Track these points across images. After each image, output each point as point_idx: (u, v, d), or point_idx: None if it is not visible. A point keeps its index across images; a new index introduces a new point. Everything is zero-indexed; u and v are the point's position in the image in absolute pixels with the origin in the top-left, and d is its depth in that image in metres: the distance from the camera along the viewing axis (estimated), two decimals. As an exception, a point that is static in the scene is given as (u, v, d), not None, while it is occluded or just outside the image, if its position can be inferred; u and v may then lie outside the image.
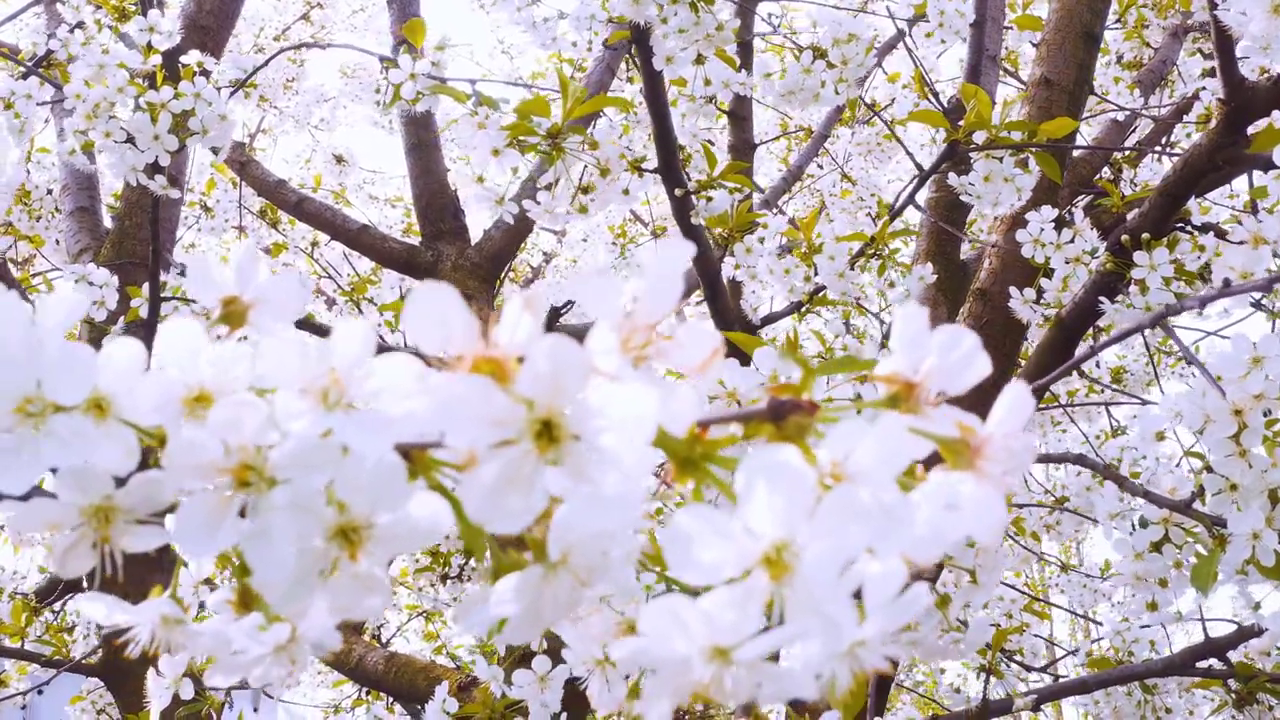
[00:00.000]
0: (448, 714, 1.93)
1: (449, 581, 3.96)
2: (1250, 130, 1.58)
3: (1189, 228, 1.89)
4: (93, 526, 0.44)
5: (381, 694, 3.46)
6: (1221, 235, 1.87)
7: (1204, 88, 2.58)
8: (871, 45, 2.07)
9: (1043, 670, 2.96)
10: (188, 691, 1.41)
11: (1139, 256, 1.71)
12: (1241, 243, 1.28)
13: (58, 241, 3.10)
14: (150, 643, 0.48)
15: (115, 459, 0.43)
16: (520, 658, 1.64)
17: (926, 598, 0.38)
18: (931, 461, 0.44)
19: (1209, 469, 1.43)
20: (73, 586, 3.09)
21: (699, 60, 2.01)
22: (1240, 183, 2.55)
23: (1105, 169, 2.93)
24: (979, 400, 0.45)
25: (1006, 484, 0.41)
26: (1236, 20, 1.25)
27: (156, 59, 1.93)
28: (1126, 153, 2.88)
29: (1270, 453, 1.39)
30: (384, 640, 5.01)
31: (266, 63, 2.27)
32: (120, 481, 0.44)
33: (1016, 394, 0.42)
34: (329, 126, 5.36)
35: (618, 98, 1.79)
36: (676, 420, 0.36)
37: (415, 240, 3.70)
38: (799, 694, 0.36)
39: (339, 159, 5.18)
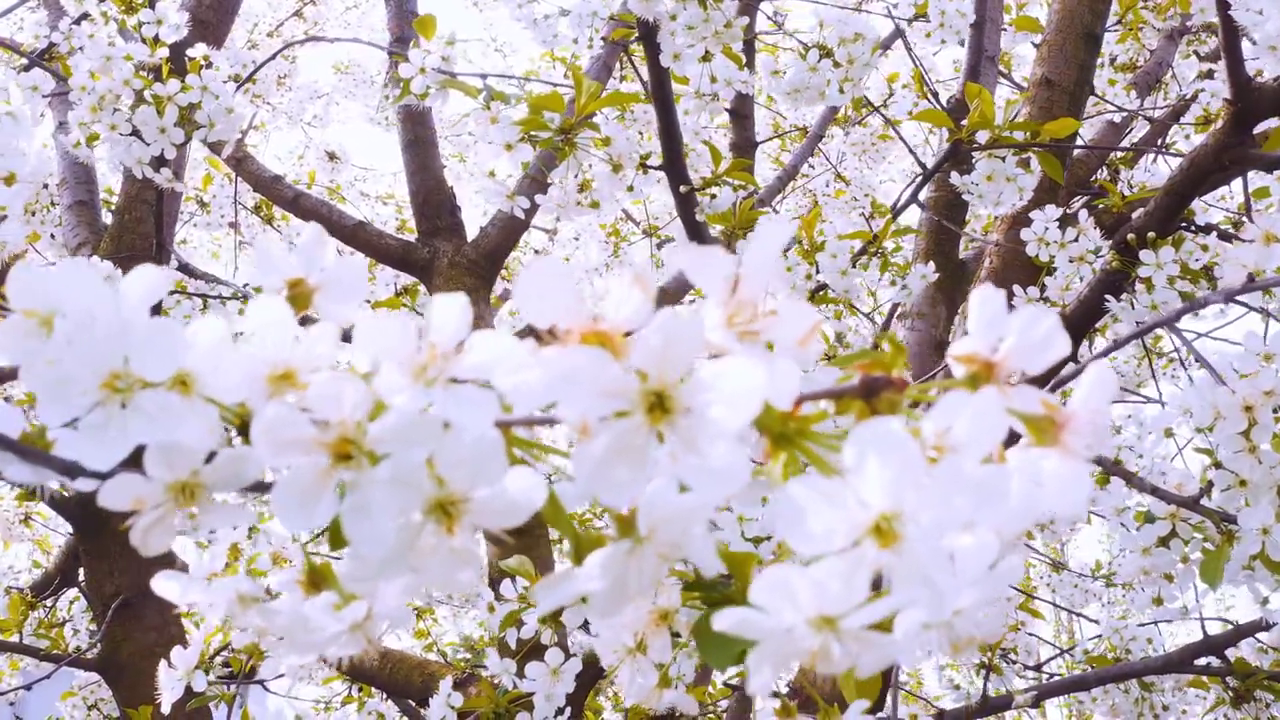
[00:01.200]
0: (452, 708, 1.93)
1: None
2: (1259, 130, 1.59)
3: (1192, 228, 1.91)
4: (175, 503, 0.44)
5: (373, 690, 3.45)
6: (1226, 238, 1.88)
7: (1202, 89, 2.60)
8: (878, 45, 2.07)
9: (1037, 669, 2.97)
10: (200, 684, 1.41)
11: (1145, 255, 1.72)
12: (1252, 240, 1.29)
13: (52, 235, 3.09)
14: (224, 621, 0.48)
15: (199, 436, 0.43)
16: (531, 650, 1.64)
17: (1020, 571, 0.38)
18: (1007, 442, 0.45)
19: (1217, 465, 1.44)
20: (68, 582, 3.08)
21: (706, 57, 2.01)
22: (1236, 184, 2.57)
23: (1102, 170, 2.95)
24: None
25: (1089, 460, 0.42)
26: (1252, 20, 1.26)
27: (164, 51, 1.93)
28: (1124, 154, 2.89)
29: (1279, 449, 1.39)
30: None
31: (273, 57, 2.27)
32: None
33: (1100, 372, 0.43)
34: (322, 123, 5.35)
35: (632, 94, 1.79)
36: (780, 395, 0.36)
37: (410, 237, 3.70)
38: (899, 661, 0.37)
39: (331, 156, 5.17)
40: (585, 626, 1.56)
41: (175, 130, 1.95)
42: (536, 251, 6.37)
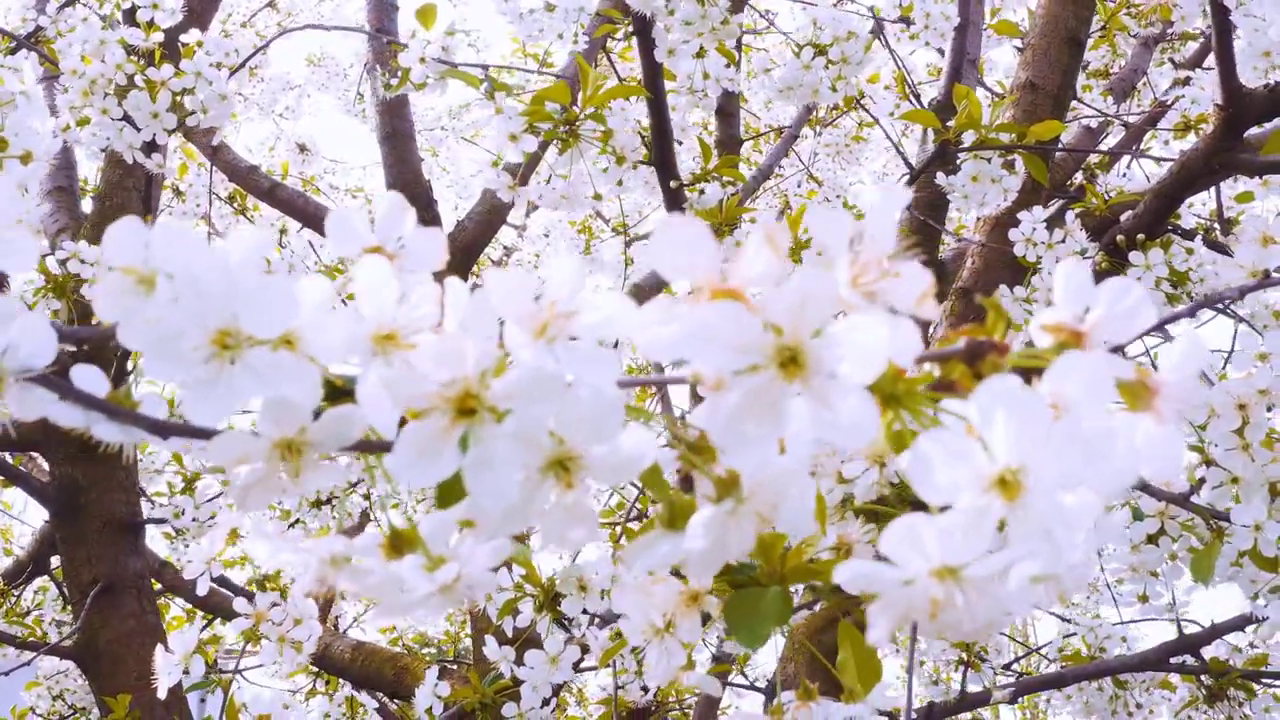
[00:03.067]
0: (438, 698, 1.93)
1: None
2: (1257, 134, 1.62)
3: (1178, 232, 1.93)
4: (279, 461, 0.44)
5: (339, 681, 3.44)
6: (1214, 246, 1.90)
7: (1181, 95, 2.63)
8: (870, 43, 2.09)
9: (1006, 668, 2.99)
10: (199, 669, 1.40)
11: (1134, 257, 1.75)
12: (1252, 241, 1.31)
13: (19, 220, 3.05)
14: (316, 582, 0.48)
15: (304, 394, 0.43)
16: (528, 640, 1.64)
17: (1124, 526, 0.39)
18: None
19: (1209, 462, 1.46)
20: (41, 569, 3.06)
21: (700, 53, 2.02)
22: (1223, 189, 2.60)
23: (1078, 173, 2.98)
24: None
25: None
26: (1254, 25, 1.28)
27: (158, 36, 1.92)
28: (1101, 158, 2.92)
29: (1270, 447, 1.42)
30: (340, 630, 4.98)
31: (266, 45, 2.26)
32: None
33: (1191, 341, 0.44)
34: (294, 115, 5.32)
35: (637, 86, 1.80)
36: (903, 352, 0.37)
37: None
38: (1011, 612, 0.38)
39: (302, 148, 5.15)
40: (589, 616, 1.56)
41: (168, 115, 1.94)
42: (505, 248, 6.37)
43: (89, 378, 0.50)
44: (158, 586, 2.86)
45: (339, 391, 0.46)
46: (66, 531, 2.50)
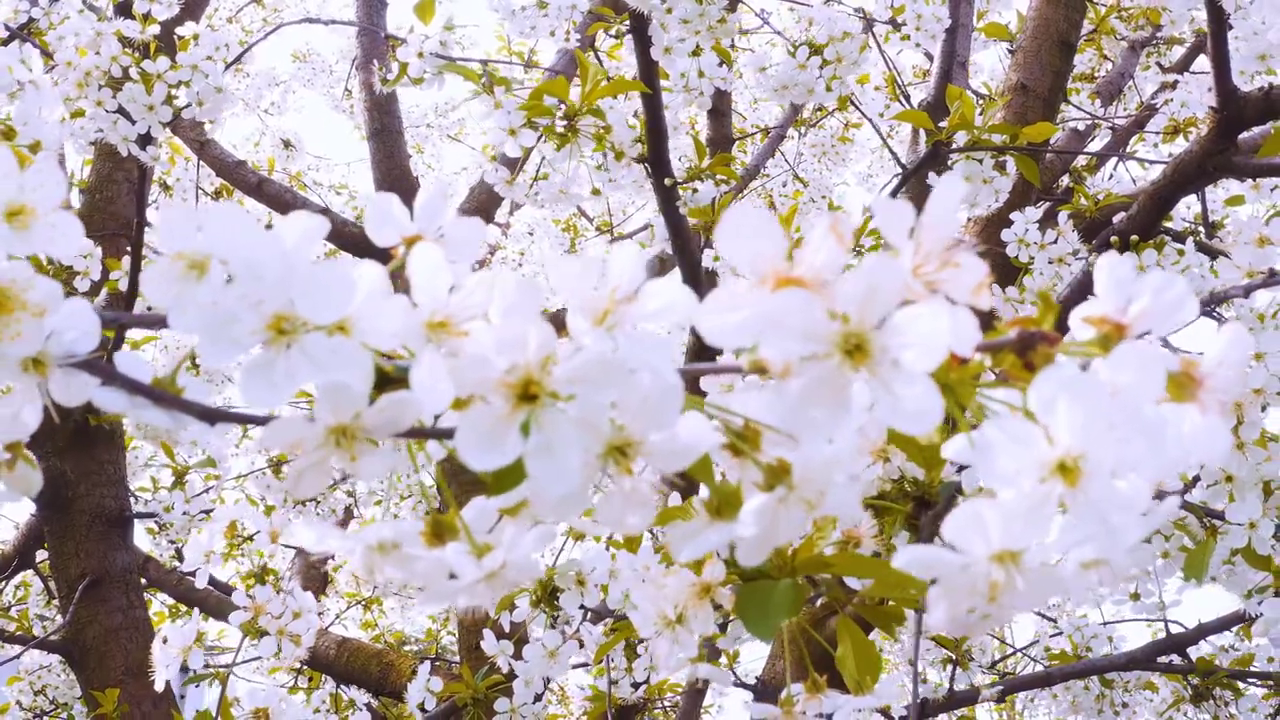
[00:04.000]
0: (431, 692, 1.93)
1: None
2: (1248, 138, 1.63)
3: (1168, 234, 1.95)
4: (332, 447, 0.44)
5: (321, 677, 3.43)
6: (1205, 250, 1.92)
7: (1170, 99, 2.65)
8: (865, 44, 2.10)
9: (990, 667, 3.01)
10: (197, 661, 1.40)
11: (1128, 257, 1.76)
12: (1248, 243, 1.32)
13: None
14: (362, 569, 0.49)
15: (359, 380, 0.44)
16: (522, 639, 1.65)
17: (1175, 512, 0.40)
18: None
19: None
20: (26, 564, 3.05)
21: (696, 51, 2.03)
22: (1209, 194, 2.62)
23: (1065, 175, 2.99)
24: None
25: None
26: (1253, 29, 1.30)
27: (155, 29, 1.92)
28: (1088, 160, 2.94)
29: (1264, 446, 1.43)
30: (325, 626, 4.97)
31: (264, 37, 2.25)
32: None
33: (1235, 332, 0.45)
34: (279, 111, 5.31)
35: (636, 82, 1.81)
36: (962, 341, 0.38)
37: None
38: (1060, 596, 0.38)
39: (286, 144, 5.14)
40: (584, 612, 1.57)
41: (163, 108, 1.93)
42: (490, 246, 6.36)
43: (133, 364, 0.50)
44: (140, 581, 2.85)
45: (386, 379, 0.46)
46: (55, 525, 2.49)
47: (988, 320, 0.42)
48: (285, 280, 0.43)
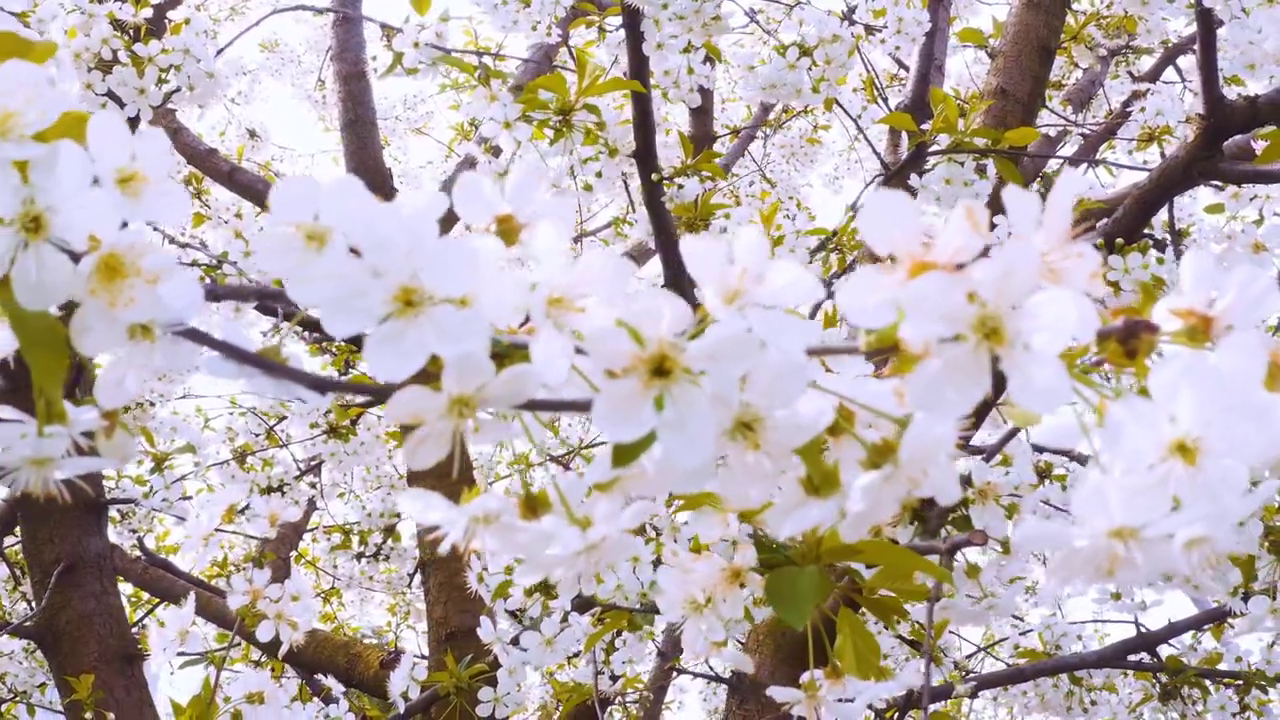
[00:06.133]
0: (415, 680, 1.94)
1: (364, 559, 3.95)
2: (1241, 142, 1.67)
3: (1152, 239, 1.98)
4: (453, 418, 0.45)
5: (284, 667, 3.42)
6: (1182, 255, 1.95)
7: (1144, 107, 2.69)
8: (853, 49, 2.12)
9: (955, 666, 3.05)
10: (196, 643, 1.40)
11: (1113, 260, 1.79)
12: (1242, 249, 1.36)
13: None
14: (465, 540, 0.50)
15: (483, 352, 0.45)
16: (530, 625, 1.66)
17: (1271, 497, 0.42)
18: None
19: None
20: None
21: (688, 49, 2.05)
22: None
23: (1036, 181, 3.03)
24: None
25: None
26: (1248, 37, 1.33)
27: (147, 12, 1.91)
28: (1060, 165, 2.99)
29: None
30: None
31: (256, 24, 2.25)
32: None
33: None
34: (246, 100, 5.28)
35: (633, 80, 1.82)
36: (1085, 327, 0.39)
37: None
38: (1169, 570, 0.40)
39: (252, 134, 5.11)
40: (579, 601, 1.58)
41: (154, 91, 1.93)
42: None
43: (236, 333, 0.51)
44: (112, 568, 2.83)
45: (494, 352, 0.47)
46: (29, 511, 2.48)
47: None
48: (414, 253, 0.44)
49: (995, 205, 2.36)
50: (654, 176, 2.19)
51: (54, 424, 0.54)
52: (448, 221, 0.52)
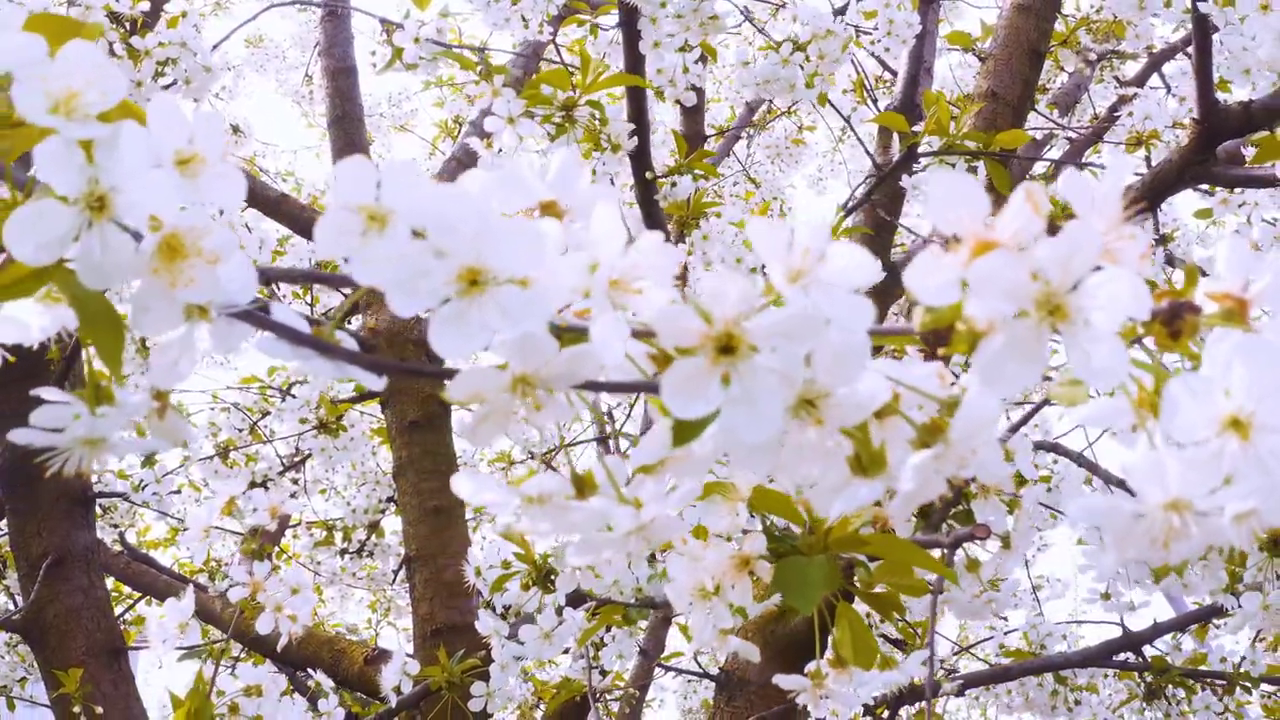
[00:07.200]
0: (408, 675, 1.94)
1: (348, 556, 3.95)
2: (1232, 146, 1.69)
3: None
4: (515, 398, 0.46)
5: (263, 660, 3.41)
6: (1171, 261, 1.98)
7: (1132, 111, 2.71)
8: (847, 44, 2.14)
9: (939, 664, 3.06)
10: (195, 636, 1.41)
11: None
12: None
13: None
14: (513, 521, 0.51)
15: (544, 332, 0.46)
16: (526, 617, 1.66)
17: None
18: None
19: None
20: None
21: (684, 48, 2.06)
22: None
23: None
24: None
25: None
26: (1243, 44, 1.34)
27: (144, 5, 1.91)
28: (1047, 168, 3.01)
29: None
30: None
31: (253, 18, 2.25)
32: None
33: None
34: (230, 95, 5.27)
35: (635, 75, 1.83)
36: (1140, 306, 0.41)
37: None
38: (1220, 542, 0.41)
39: (235, 129, 5.10)
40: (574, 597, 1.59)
41: (151, 85, 1.93)
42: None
43: (288, 315, 0.52)
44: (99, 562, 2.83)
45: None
46: (17, 502, 2.47)
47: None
48: (481, 235, 0.45)
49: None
50: (648, 175, 2.20)
51: (105, 404, 0.54)
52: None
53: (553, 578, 1.52)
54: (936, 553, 1.10)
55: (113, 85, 0.49)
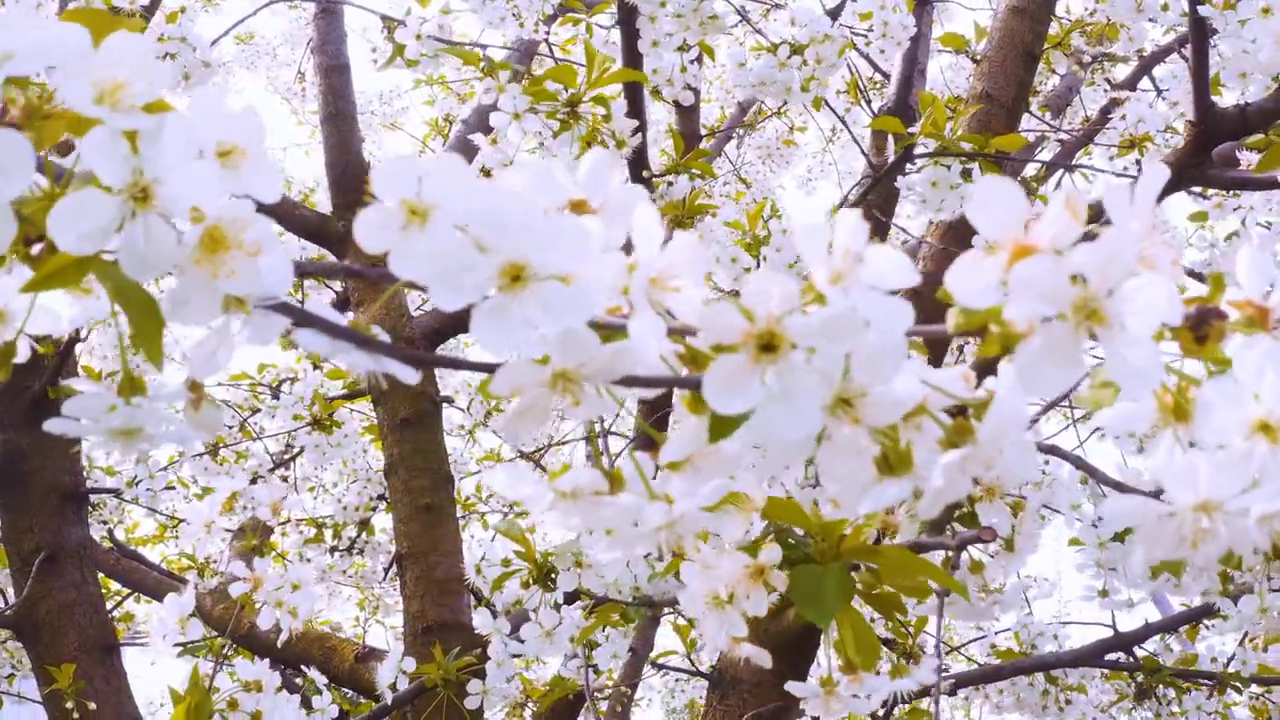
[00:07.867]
0: (403, 672, 1.95)
1: (338, 553, 3.94)
2: (1228, 149, 1.70)
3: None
4: (553, 392, 0.47)
5: (253, 657, 3.40)
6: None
7: (1124, 114, 2.73)
8: (844, 48, 2.15)
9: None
10: (196, 631, 1.41)
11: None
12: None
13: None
14: (545, 516, 0.51)
15: (585, 328, 0.47)
16: (521, 614, 1.67)
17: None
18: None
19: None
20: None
21: (683, 47, 2.06)
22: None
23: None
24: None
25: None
26: (1244, 48, 1.36)
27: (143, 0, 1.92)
28: (1039, 169, 3.03)
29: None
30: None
31: (253, 14, 2.25)
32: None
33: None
34: (220, 93, 5.26)
35: (639, 72, 1.84)
36: (1174, 311, 0.42)
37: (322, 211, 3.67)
38: (1244, 543, 0.42)
39: (225, 125, 5.09)
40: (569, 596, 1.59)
41: (151, 80, 1.93)
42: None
43: (327, 309, 0.53)
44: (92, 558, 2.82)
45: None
46: (9, 499, 2.47)
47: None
48: (525, 230, 0.46)
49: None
50: (644, 174, 2.21)
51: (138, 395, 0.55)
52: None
53: (553, 576, 1.52)
54: (942, 555, 1.11)
55: (159, 77, 0.49)
